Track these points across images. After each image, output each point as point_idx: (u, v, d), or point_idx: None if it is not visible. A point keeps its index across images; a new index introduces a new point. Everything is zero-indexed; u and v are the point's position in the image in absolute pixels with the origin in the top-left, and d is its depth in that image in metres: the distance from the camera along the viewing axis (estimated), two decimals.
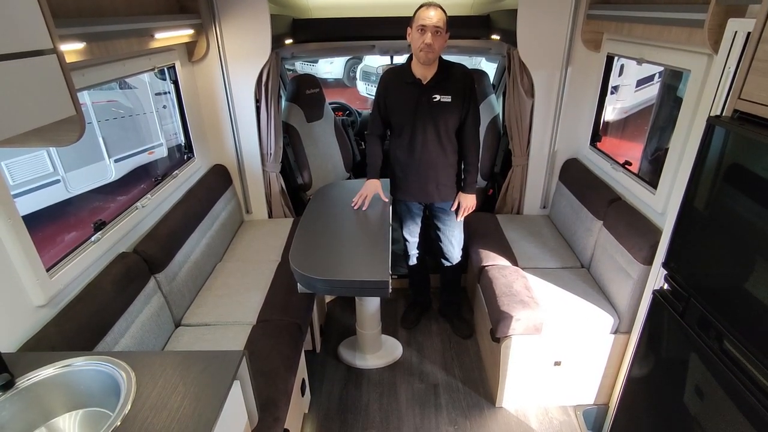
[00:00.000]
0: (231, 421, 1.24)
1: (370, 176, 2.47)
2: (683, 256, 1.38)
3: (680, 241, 1.40)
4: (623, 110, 6.50)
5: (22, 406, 1.14)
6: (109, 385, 1.20)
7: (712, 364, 1.22)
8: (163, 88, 5.95)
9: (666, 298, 1.43)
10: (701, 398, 1.28)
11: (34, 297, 1.42)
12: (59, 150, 4.90)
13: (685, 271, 1.37)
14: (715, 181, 1.24)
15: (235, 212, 2.97)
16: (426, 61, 2.12)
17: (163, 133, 5.77)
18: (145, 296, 1.86)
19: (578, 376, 2.27)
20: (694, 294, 1.30)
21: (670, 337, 1.45)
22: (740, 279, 1.15)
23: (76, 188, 4.94)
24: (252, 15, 2.53)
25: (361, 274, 1.90)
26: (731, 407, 1.16)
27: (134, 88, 5.79)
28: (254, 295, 2.27)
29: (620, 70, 6.84)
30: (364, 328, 2.60)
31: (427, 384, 2.54)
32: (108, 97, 5.55)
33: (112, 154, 5.39)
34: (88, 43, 1.52)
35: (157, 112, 5.85)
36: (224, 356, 1.25)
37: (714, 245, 1.25)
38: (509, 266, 2.51)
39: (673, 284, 1.40)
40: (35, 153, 4.73)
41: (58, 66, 0.91)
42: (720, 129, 1.20)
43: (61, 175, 4.92)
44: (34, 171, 4.74)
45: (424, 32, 2.04)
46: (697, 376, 1.30)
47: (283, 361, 1.88)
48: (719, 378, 1.20)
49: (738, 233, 1.16)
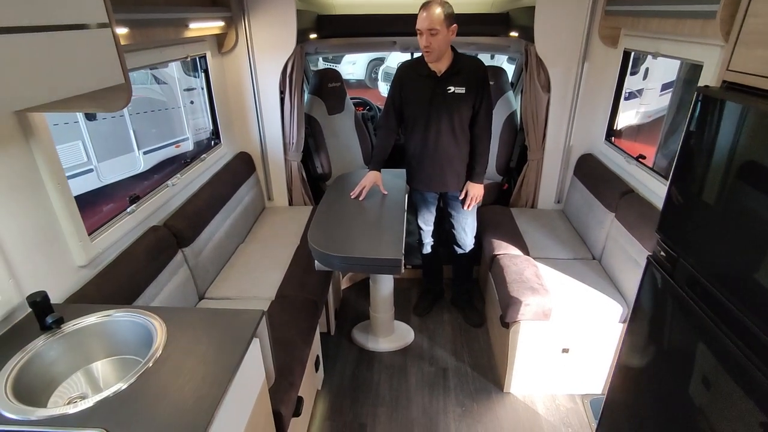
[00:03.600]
0: (250, 375, 1.34)
1: (372, 167, 2.55)
2: (674, 221, 1.45)
3: (672, 207, 1.46)
4: (647, 114, 6.42)
5: (67, 347, 1.27)
6: (143, 335, 1.32)
7: (700, 320, 1.28)
8: (191, 84, 6.19)
9: (658, 261, 1.50)
10: (693, 360, 1.33)
11: (77, 257, 1.56)
12: (93, 140, 5.16)
13: (675, 235, 1.44)
14: (703, 149, 1.31)
15: (258, 198, 3.11)
16: (430, 60, 2.22)
17: (190, 128, 6.00)
18: (173, 267, 2.00)
19: (586, 364, 2.30)
20: (683, 255, 1.37)
21: (661, 299, 1.51)
22: (724, 239, 1.21)
23: (107, 177, 5.18)
24: (279, 10, 2.67)
25: (376, 252, 2.00)
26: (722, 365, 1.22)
27: (164, 84, 6.03)
28: (274, 273, 2.39)
29: (645, 74, 6.76)
30: (377, 311, 2.68)
31: (436, 368, 2.62)
32: (140, 93, 5.79)
33: (142, 147, 5.63)
34: (130, 29, 1.66)
35: (185, 107, 6.08)
36: (246, 314, 1.36)
37: (702, 208, 1.31)
38: (521, 255, 2.56)
39: (664, 247, 1.46)
40: (72, 143, 5.00)
41: (113, 40, 1.04)
42: (708, 98, 1.26)
43: (94, 165, 5.18)
44: (70, 160, 5.00)
45: (421, 35, 2.14)
46: (689, 337, 1.36)
47: (299, 333, 1.99)
48: (707, 336, 1.25)
49: (721, 196, 1.21)
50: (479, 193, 2.51)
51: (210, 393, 1.07)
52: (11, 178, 1.32)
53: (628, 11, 2.30)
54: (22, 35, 0.84)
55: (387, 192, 2.55)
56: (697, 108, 1.28)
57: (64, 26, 0.93)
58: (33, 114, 1.33)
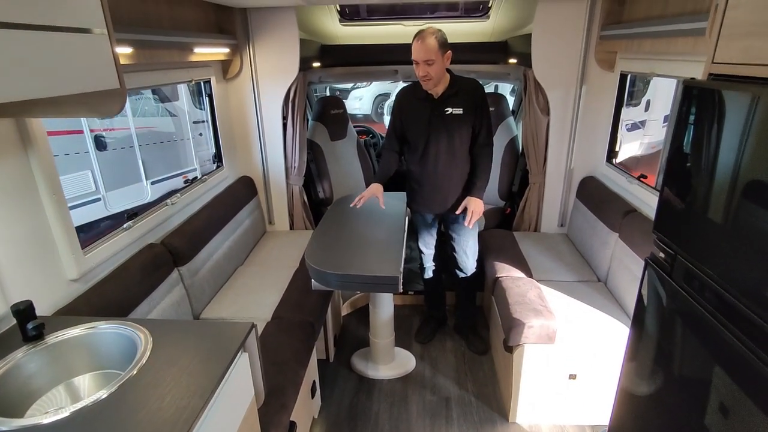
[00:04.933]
0: (237, 390, 1.29)
1: (375, 180, 2.53)
2: (669, 218, 1.43)
3: (666, 205, 1.44)
4: (651, 145, 6.46)
5: (50, 360, 1.23)
6: (129, 349, 1.28)
7: (700, 317, 1.24)
8: (200, 117, 6.34)
9: (656, 261, 1.47)
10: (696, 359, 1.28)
11: (68, 270, 1.54)
12: (103, 169, 5.27)
13: (671, 233, 1.41)
14: (690, 140, 1.30)
15: (258, 222, 3.11)
16: (428, 88, 2.27)
17: (197, 159, 6.11)
18: (168, 286, 1.97)
19: (595, 392, 2.19)
20: (679, 251, 1.34)
21: (661, 302, 1.47)
22: (719, 229, 1.18)
23: (114, 207, 5.23)
24: (283, 38, 2.76)
25: (373, 270, 1.96)
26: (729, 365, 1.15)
27: (174, 116, 6.21)
28: (270, 294, 2.35)
29: (646, 106, 6.84)
30: (377, 336, 2.61)
31: (438, 397, 2.50)
32: (149, 124, 5.96)
33: (150, 177, 5.72)
34: (135, 48, 1.71)
35: (193, 139, 6.22)
36: (235, 326, 1.32)
37: (696, 200, 1.29)
38: (524, 277, 2.50)
39: (661, 246, 1.43)
40: (81, 172, 5.10)
41: (110, 46, 1.07)
42: (694, 89, 1.27)
43: (102, 194, 5.25)
44: (79, 189, 5.07)
45: (418, 65, 2.19)
46: (690, 336, 1.31)
47: (294, 355, 1.92)
48: (708, 332, 1.21)
49: (714, 187, 1.20)
50: (479, 208, 2.46)
51: (190, 404, 1.02)
52: (5, 185, 1.32)
53: (623, 34, 2.35)
54: (25, 32, 0.88)
55: (385, 207, 2.51)
56: (686, 102, 1.29)
57: (64, 28, 0.96)
58: (32, 122, 1.35)
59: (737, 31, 1.13)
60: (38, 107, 1.14)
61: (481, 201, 2.44)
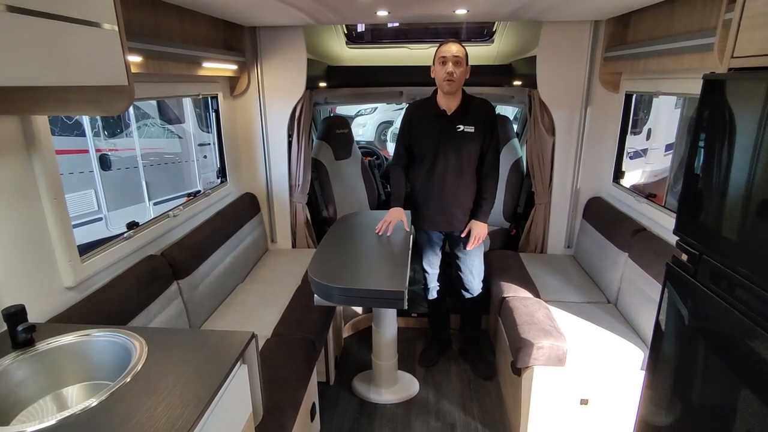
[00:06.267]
0: (234, 404, 1.22)
1: (394, 204, 2.51)
2: (692, 217, 1.38)
3: (687, 203, 1.40)
4: (654, 173, 6.48)
5: (39, 368, 1.17)
6: (122, 358, 1.21)
7: (730, 318, 1.16)
8: (205, 140, 6.38)
9: (679, 264, 1.40)
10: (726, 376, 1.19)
11: (65, 277, 1.49)
12: (106, 189, 5.27)
13: (694, 232, 1.36)
14: (712, 134, 1.27)
15: (261, 239, 3.06)
16: (449, 91, 2.26)
17: (201, 181, 6.12)
18: (167, 298, 1.91)
19: (608, 418, 2.09)
20: (705, 250, 1.28)
21: (684, 309, 1.39)
22: (744, 224, 1.13)
23: (116, 227, 5.19)
24: (291, 58, 2.80)
25: (377, 284, 1.90)
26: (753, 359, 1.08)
27: (180, 138, 6.26)
28: (271, 311, 2.28)
29: (648, 134, 6.91)
30: (380, 358, 2.52)
31: (443, 423, 2.39)
32: (155, 145, 6.00)
33: (153, 197, 5.72)
34: (145, 58, 1.73)
35: (198, 161, 6.25)
36: (234, 335, 1.26)
37: (720, 196, 1.24)
38: (531, 297, 2.43)
39: (684, 247, 1.37)
40: (85, 191, 5.10)
41: (119, 42, 1.07)
42: (714, 83, 1.24)
43: (104, 214, 5.22)
44: (81, 207, 5.05)
45: (445, 63, 2.20)
46: (719, 346, 1.23)
47: (293, 372, 1.84)
48: (742, 334, 1.13)
49: (736, 181, 1.15)
50: (482, 233, 2.43)
51: (184, 414, 0.96)
52: (5, 184, 1.29)
53: (627, 55, 2.37)
54: (39, 19, 0.88)
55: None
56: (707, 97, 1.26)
57: (77, 20, 0.96)
58: (37, 122, 1.33)
59: (759, 22, 1.12)
60: (47, 103, 1.12)
61: (486, 225, 2.42)
